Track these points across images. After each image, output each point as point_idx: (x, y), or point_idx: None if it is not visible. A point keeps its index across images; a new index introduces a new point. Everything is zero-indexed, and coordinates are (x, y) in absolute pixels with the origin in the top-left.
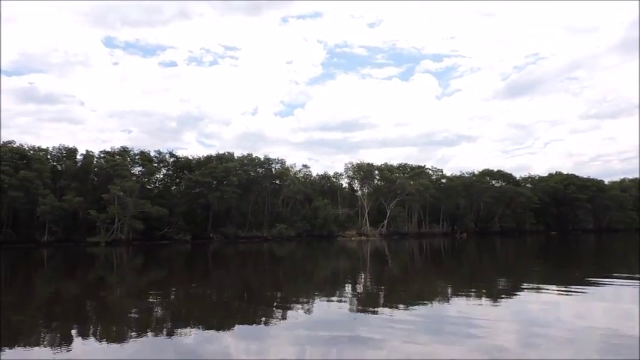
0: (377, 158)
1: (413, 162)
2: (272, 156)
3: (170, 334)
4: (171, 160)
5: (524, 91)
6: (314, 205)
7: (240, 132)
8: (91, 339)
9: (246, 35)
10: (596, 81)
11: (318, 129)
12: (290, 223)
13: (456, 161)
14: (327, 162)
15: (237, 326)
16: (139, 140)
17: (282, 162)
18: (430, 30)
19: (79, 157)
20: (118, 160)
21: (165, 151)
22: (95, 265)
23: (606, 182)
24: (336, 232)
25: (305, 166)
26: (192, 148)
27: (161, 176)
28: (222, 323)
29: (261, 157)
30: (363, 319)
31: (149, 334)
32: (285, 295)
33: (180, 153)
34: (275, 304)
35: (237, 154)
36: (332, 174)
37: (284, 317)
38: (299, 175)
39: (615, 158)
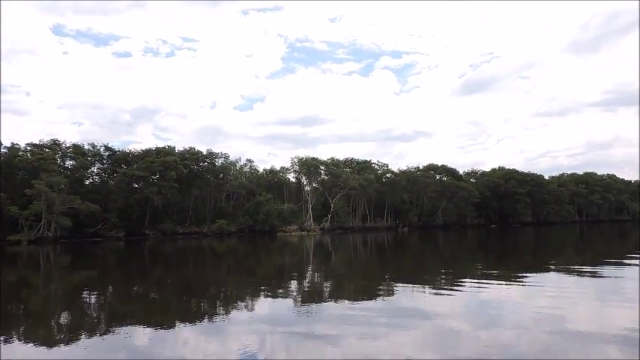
0: (336, 153)
1: (371, 157)
2: (231, 151)
3: (115, 334)
4: (107, 153)
5: (480, 88)
6: (256, 200)
7: (198, 126)
8: (18, 343)
9: (204, 27)
10: (546, 80)
11: (277, 123)
12: (233, 219)
13: (413, 157)
14: (286, 157)
15: (186, 325)
16: (90, 133)
17: (225, 156)
18: (390, 27)
19: (2, 150)
20: (45, 154)
21: (100, 144)
22: (17, 265)
23: (547, 177)
24: (278, 227)
25: (249, 160)
26: (147, 141)
27: (96, 170)
28: (170, 323)
29: (204, 151)
30: (312, 314)
31: (91, 335)
32: (229, 292)
33: (134, 147)
34: (220, 301)
35: (189, 147)
36: (278, 168)
37: (233, 315)
38: (245, 170)
39: (562, 154)
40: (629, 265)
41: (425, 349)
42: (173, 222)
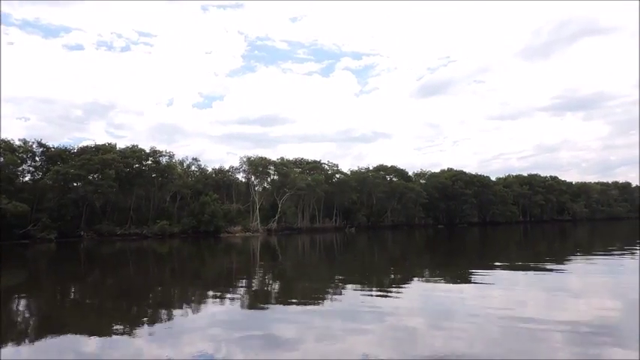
0: (296, 153)
1: (332, 158)
2: (189, 150)
3: (49, 342)
4: (40, 150)
5: (437, 91)
6: (202, 201)
7: (154, 123)
8: None
9: (162, 21)
10: (500, 85)
11: (237, 122)
12: (177, 220)
13: (373, 157)
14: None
15: (131, 332)
16: (37, 129)
17: (170, 154)
18: (350, 28)
19: None
20: None
21: (33, 140)
22: None
23: (494, 179)
24: (223, 228)
25: (195, 159)
26: (100, 139)
27: (27, 168)
28: (111, 330)
29: (147, 149)
30: (265, 317)
31: (20, 344)
32: (175, 296)
33: (86, 144)
34: (166, 306)
35: (148, 146)
36: (227, 168)
37: (181, 320)
38: (193, 169)
39: (514, 157)
40: (571, 263)
41: (381, 348)
42: (112, 223)
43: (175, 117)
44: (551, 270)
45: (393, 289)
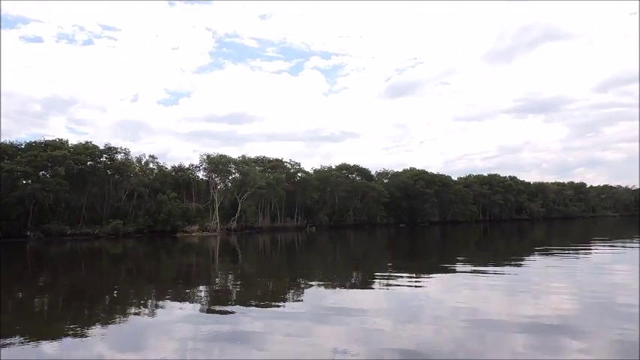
0: (264, 152)
1: (300, 157)
2: (155, 147)
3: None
4: None
5: (405, 92)
6: (158, 199)
7: (118, 119)
8: None
9: (127, 15)
10: (466, 87)
11: (204, 120)
12: (133, 219)
13: (341, 157)
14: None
15: (89, 335)
16: None
17: (126, 151)
18: (319, 27)
19: None
20: None
21: None
22: None
23: (456, 179)
24: (180, 227)
25: (152, 157)
26: (60, 135)
27: None
28: (66, 334)
29: (101, 146)
30: (229, 317)
31: None
32: (131, 297)
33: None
34: (124, 307)
35: (113, 142)
36: (187, 166)
37: (141, 322)
38: (151, 167)
39: (478, 157)
40: (529, 261)
41: (349, 348)
42: (63, 222)
43: (140, 113)
44: (509, 269)
45: (356, 290)
